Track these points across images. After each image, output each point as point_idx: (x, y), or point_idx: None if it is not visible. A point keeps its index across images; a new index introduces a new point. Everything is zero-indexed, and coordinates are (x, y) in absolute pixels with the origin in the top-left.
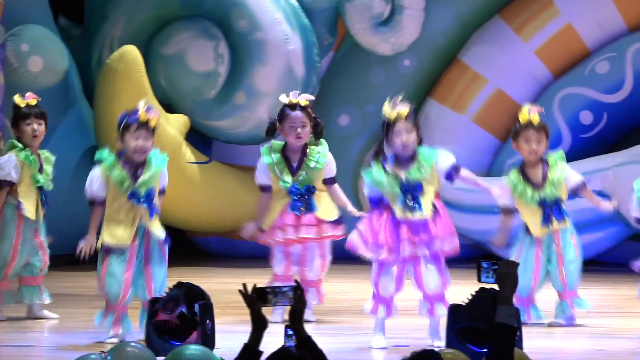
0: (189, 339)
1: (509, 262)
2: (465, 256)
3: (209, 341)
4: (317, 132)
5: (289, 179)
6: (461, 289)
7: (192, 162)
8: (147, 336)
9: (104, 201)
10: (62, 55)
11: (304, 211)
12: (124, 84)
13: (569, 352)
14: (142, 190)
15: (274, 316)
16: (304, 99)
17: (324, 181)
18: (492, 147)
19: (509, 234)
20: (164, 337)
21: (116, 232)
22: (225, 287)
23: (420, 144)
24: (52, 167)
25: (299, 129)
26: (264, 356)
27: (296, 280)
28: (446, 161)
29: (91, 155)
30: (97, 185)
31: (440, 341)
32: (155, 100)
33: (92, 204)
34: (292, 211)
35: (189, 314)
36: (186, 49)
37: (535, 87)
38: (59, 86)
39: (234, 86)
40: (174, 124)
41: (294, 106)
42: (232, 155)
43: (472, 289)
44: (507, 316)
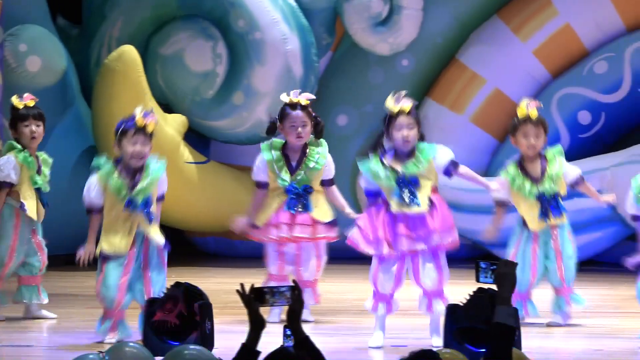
0: (188, 339)
1: (507, 262)
2: (464, 256)
3: (207, 341)
4: (317, 132)
5: (287, 177)
6: (460, 289)
7: (190, 162)
8: (144, 336)
9: (101, 209)
10: (60, 55)
11: (300, 210)
12: (122, 84)
13: (567, 352)
14: (139, 198)
15: (271, 316)
16: (305, 98)
17: (322, 182)
18: (491, 147)
19: (501, 228)
20: (162, 337)
21: (114, 241)
22: (223, 287)
23: (421, 140)
24: (50, 169)
25: (300, 129)
26: (262, 356)
27: (294, 280)
28: (444, 157)
29: (89, 155)
30: (94, 193)
31: (439, 338)
32: (153, 100)
33: (90, 211)
34: (288, 209)
35: (187, 314)
36: (184, 49)
37: (533, 87)
38: (57, 86)
39: (232, 86)
40: (172, 124)
41: (294, 105)
42: (230, 155)
43: (470, 289)
44: (505, 316)
